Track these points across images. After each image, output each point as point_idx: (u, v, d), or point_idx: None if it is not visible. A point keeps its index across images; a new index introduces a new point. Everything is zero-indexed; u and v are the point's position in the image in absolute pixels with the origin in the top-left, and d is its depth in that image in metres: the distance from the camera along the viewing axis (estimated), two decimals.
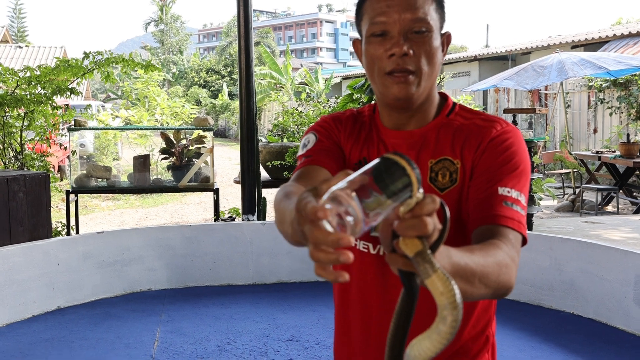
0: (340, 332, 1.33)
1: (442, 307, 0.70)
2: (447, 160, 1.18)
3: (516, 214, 1.07)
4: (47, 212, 4.93)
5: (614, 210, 8.50)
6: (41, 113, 5.83)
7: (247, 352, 3.72)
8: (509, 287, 0.98)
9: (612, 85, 11.37)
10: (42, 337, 3.98)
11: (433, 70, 1.15)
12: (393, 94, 1.14)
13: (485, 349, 1.25)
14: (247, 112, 5.72)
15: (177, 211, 9.95)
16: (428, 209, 0.70)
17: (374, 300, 1.23)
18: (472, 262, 0.87)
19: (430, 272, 0.70)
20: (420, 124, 1.21)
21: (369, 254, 1.23)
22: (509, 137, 1.16)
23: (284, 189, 1.03)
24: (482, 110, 1.33)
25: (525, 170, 1.14)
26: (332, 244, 0.65)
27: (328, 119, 1.31)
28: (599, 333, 4.00)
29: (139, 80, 15.20)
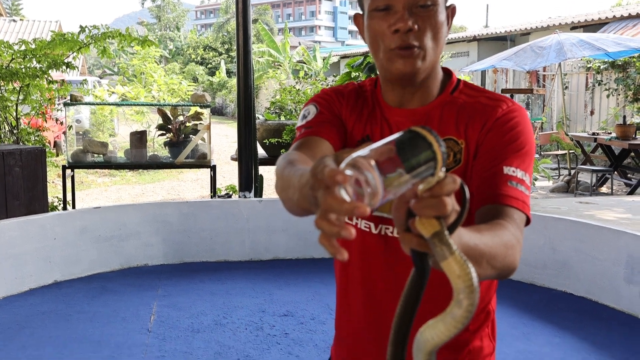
0: (341, 310, 1.31)
1: (459, 290, 0.68)
2: (451, 140, 1.15)
3: (521, 194, 1.05)
4: (43, 187, 4.93)
5: (609, 191, 8.54)
6: (37, 87, 5.81)
7: (242, 326, 3.77)
8: (514, 268, 0.97)
9: (610, 67, 11.36)
10: (39, 310, 4.01)
11: (438, 45, 1.12)
12: (398, 69, 1.11)
13: (485, 324, 1.25)
14: (245, 89, 5.71)
15: (174, 188, 9.96)
16: (448, 189, 0.67)
17: (375, 280, 1.22)
18: (482, 242, 0.86)
19: (447, 254, 0.67)
20: (424, 101, 1.18)
21: (371, 233, 1.21)
22: (515, 117, 1.13)
23: (287, 157, 1.01)
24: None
25: (530, 151, 1.12)
26: (345, 212, 0.61)
27: (329, 92, 1.27)
28: (590, 311, 4.05)
29: (136, 56, 15.12)
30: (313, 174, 0.65)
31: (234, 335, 3.62)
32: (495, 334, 1.29)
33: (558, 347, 3.52)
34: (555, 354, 3.43)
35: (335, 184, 0.62)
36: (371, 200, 0.64)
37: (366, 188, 0.63)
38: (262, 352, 3.40)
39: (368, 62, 6.12)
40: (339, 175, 0.61)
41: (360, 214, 0.61)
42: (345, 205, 0.61)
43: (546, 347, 3.51)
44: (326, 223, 0.63)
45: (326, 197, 0.62)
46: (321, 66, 19.86)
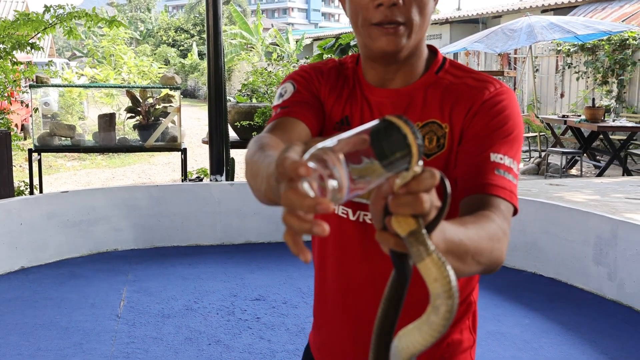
0: (318, 297, 1.27)
1: (435, 295, 0.63)
2: (434, 124, 1.08)
3: (508, 183, 0.99)
4: (9, 171, 4.82)
5: (578, 174, 8.67)
6: (0, 69, 5.64)
7: (214, 311, 3.74)
8: (500, 263, 0.91)
9: (579, 50, 11.48)
10: (5, 297, 3.93)
11: (424, 21, 1.05)
12: (380, 47, 1.04)
13: (466, 316, 1.20)
14: (215, 71, 5.62)
15: (145, 171, 9.83)
16: (425, 185, 0.62)
17: (352, 269, 1.17)
18: (466, 237, 0.80)
19: (424, 255, 0.62)
20: (407, 80, 1.11)
21: (348, 220, 1.14)
22: (503, 99, 1.06)
23: (258, 141, 0.93)
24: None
25: (518, 136, 1.05)
26: (307, 208, 0.57)
27: (308, 69, 1.19)
28: (559, 292, 4.11)
29: (105, 38, 14.81)
30: (277, 165, 0.60)
31: (205, 320, 3.60)
32: (476, 326, 1.24)
33: (528, 328, 3.56)
34: (525, 335, 3.47)
35: (297, 178, 0.57)
36: (336, 196, 0.59)
37: (331, 182, 0.59)
38: (234, 337, 3.38)
39: (340, 44, 6.08)
40: (301, 168, 0.57)
41: (322, 210, 0.57)
42: (306, 200, 0.57)
43: (516, 329, 3.56)
44: (295, 219, 0.58)
45: (287, 191, 0.57)
46: (294, 48, 19.71)
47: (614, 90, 10.94)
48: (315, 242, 1.23)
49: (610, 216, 4.11)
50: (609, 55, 10.73)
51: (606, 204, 5.45)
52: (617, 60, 10.66)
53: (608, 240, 3.96)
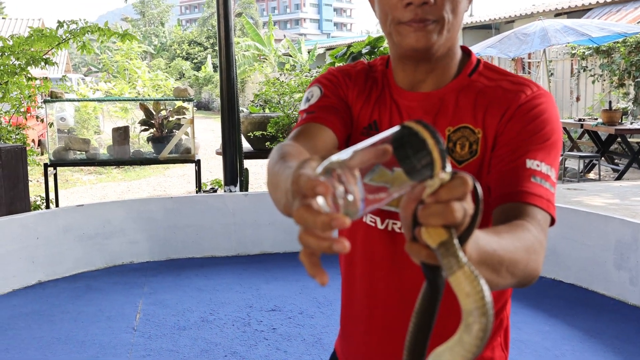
0: (346, 306, 1.23)
1: (468, 312, 0.58)
2: (467, 129, 1.03)
3: (545, 192, 0.94)
4: (25, 186, 4.84)
5: (596, 177, 8.56)
6: (16, 84, 5.69)
7: (229, 322, 3.71)
8: (536, 276, 0.86)
9: (594, 52, 11.37)
10: (23, 311, 3.94)
11: (457, 20, 0.99)
12: (409, 44, 0.99)
13: (498, 333, 1.15)
14: (228, 82, 5.63)
15: (160, 184, 9.87)
16: (457, 193, 0.58)
17: (380, 279, 1.12)
18: (501, 248, 0.75)
19: (455, 267, 0.58)
20: (439, 83, 1.06)
21: (376, 228, 1.10)
22: (541, 103, 1.00)
23: (280, 149, 0.89)
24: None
25: (557, 142, 0.99)
26: (322, 225, 0.53)
27: (336, 72, 1.15)
28: (580, 298, 4.04)
29: (119, 52, 14.96)
30: (292, 182, 0.57)
31: (221, 332, 3.57)
32: (508, 343, 1.18)
33: (548, 336, 3.50)
34: (546, 343, 3.41)
35: (313, 195, 0.54)
36: (350, 209, 0.56)
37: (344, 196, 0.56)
38: (250, 348, 3.35)
39: (352, 53, 6.07)
40: (319, 187, 0.54)
41: (338, 226, 0.53)
42: (320, 217, 0.53)
43: (536, 336, 3.49)
44: (312, 238, 0.54)
45: (299, 208, 0.54)
46: (307, 58, 19.77)
47: (630, 93, 10.81)
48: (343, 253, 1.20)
49: (631, 220, 4.03)
50: (624, 57, 10.61)
51: (626, 208, 5.36)
52: (633, 62, 10.54)
53: (629, 244, 3.88)
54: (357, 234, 1.14)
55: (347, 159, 0.57)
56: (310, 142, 0.99)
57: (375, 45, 6.09)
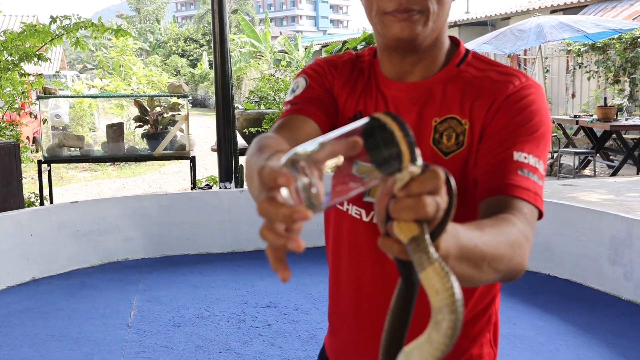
0: (333, 302, 1.22)
1: (437, 309, 0.57)
2: (453, 120, 1.01)
3: (533, 185, 0.92)
4: (18, 183, 4.82)
5: (591, 174, 8.57)
6: (8, 80, 5.66)
7: (224, 319, 3.71)
8: (521, 270, 0.84)
9: (590, 49, 11.38)
10: (16, 308, 3.92)
11: (443, 10, 0.98)
12: (394, 34, 0.97)
13: (487, 329, 1.13)
14: (222, 78, 5.61)
15: (155, 181, 9.85)
16: (428, 186, 0.56)
17: (365, 272, 1.11)
18: (483, 243, 0.73)
19: (425, 263, 0.57)
20: (426, 73, 1.04)
21: (361, 221, 1.08)
22: (530, 94, 0.98)
23: (259, 142, 0.87)
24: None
25: (545, 134, 0.97)
26: (284, 218, 0.53)
27: (322, 62, 1.14)
28: (574, 293, 4.04)
29: (114, 49, 14.91)
30: (258, 174, 0.56)
31: (216, 328, 3.56)
32: (497, 340, 1.16)
33: (543, 331, 3.50)
34: (541, 338, 3.41)
35: (276, 187, 0.54)
36: (313, 202, 0.55)
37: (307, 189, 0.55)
38: (245, 345, 3.35)
39: (347, 49, 6.05)
40: (280, 178, 0.53)
41: (300, 219, 0.53)
42: (282, 210, 0.53)
43: (531, 331, 3.49)
44: (270, 233, 0.54)
45: (262, 201, 0.54)
46: (303, 55, 19.73)
47: (626, 89, 10.82)
48: (329, 243, 1.19)
49: (625, 215, 4.03)
50: (620, 53, 10.62)
51: (621, 204, 5.36)
52: (628, 58, 10.55)
53: (623, 239, 3.89)
54: (342, 227, 1.13)
55: (315, 150, 0.56)
56: (292, 134, 0.98)
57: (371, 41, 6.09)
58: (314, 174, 0.55)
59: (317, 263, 4.74)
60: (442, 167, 0.58)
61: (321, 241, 4.76)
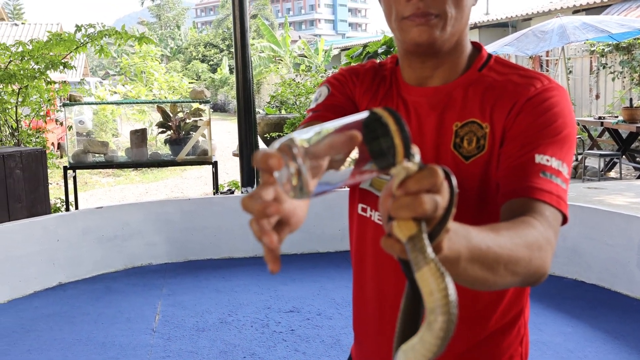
0: (357, 309, 1.21)
1: (430, 310, 0.56)
2: (474, 124, 1.00)
3: (556, 188, 0.89)
4: (45, 188, 4.89)
5: (617, 176, 8.44)
6: (35, 88, 5.76)
7: (248, 323, 3.71)
8: (543, 274, 0.82)
9: (614, 49, 11.22)
10: (44, 312, 3.97)
11: (462, 14, 0.98)
12: (412, 39, 0.97)
13: (517, 341, 1.10)
14: (244, 83, 5.64)
15: (177, 186, 9.92)
16: (425, 184, 0.56)
17: (389, 280, 1.10)
18: (497, 245, 0.72)
19: (421, 263, 0.56)
20: (447, 78, 1.04)
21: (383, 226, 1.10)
22: (552, 96, 0.96)
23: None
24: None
25: (569, 136, 0.95)
26: (258, 213, 0.55)
27: (344, 71, 1.15)
28: (602, 298, 3.98)
29: (136, 55, 15.07)
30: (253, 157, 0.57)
31: (240, 333, 3.57)
32: (527, 353, 1.12)
33: (571, 337, 3.45)
34: (568, 344, 3.36)
35: (268, 169, 0.55)
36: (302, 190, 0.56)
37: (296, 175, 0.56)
38: (268, 350, 3.35)
39: (367, 52, 6.04)
40: (271, 160, 0.54)
41: (272, 213, 0.55)
42: (256, 205, 0.55)
43: (558, 337, 3.44)
44: (254, 225, 0.57)
45: (244, 197, 0.56)
46: (322, 59, 19.77)
47: None
48: (353, 251, 1.18)
49: None
50: None
51: None
52: None
53: None
54: (365, 233, 1.13)
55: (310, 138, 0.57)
56: None
57: (392, 45, 6.07)
58: (306, 161, 0.56)
59: (339, 267, 4.74)
60: (443, 165, 0.58)
61: (343, 246, 4.76)
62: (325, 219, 4.96)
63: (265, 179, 0.56)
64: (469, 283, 0.73)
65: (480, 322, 1.07)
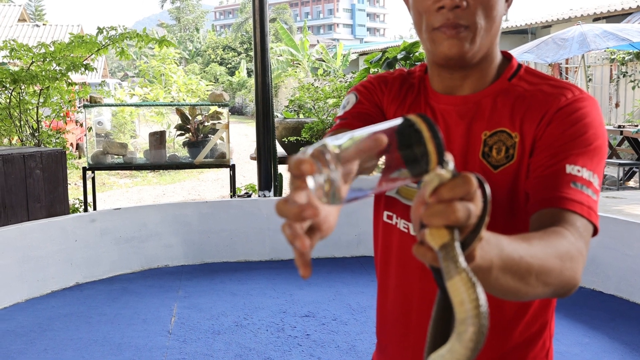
0: (381, 316, 1.20)
1: (460, 320, 0.55)
2: (503, 133, 1.00)
3: (587, 199, 0.88)
4: (64, 189, 4.94)
5: (636, 186, 8.35)
6: (56, 90, 5.83)
7: (263, 327, 3.72)
8: (574, 285, 0.80)
9: (635, 58, 11.11)
10: (61, 312, 4.01)
11: (492, 25, 0.97)
12: (442, 52, 0.97)
13: (542, 354, 1.09)
14: (263, 87, 5.66)
15: (194, 188, 9.97)
16: (459, 191, 0.55)
17: (414, 287, 1.09)
18: (529, 254, 0.72)
19: (452, 272, 0.55)
20: (476, 88, 1.03)
21: (409, 234, 1.07)
22: (583, 107, 0.95)
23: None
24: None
25: (600, 148, 0.94)
26: (294, 217, 0.55)
27: (373, 79, 1.16)
28: (620, 309, 3.93)
29: (155, 57, 15.19)
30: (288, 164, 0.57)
31: (255, 337, 3.58)
32: None
33: (588, 348, 3.41)
34: (586, 355, 3.32)
35: (299, 175, 0.55)
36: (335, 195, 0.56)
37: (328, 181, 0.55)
38: (284, 354, 3.35)
39: (387, 58, 6.04)
40: (304, 165, 0.54)
41: (309, 216, 0.55)
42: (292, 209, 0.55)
43: (575, 348, 3.41)
44: (287, 229, 0.56)
45: (278, 201, 0.56)
46: (340, 64, 19.78)
47: None
48: (378, 258, 1.19)
49: None
50: None
51: None
52: None
53: None
54: (391, 241, 1.13)
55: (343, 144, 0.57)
56: None
57: (411, 50, 6.06)
58: (339, 167, 0.56)
59: (355, 273, 4.74)
60: (476, 173, 0.58)
61: (359, 251, 4.75)
62: (342, 225, 4.95)
63: (297, 184, 0.56)
64: (501, 293, 0.72)
65: (504, 333, 1.06)
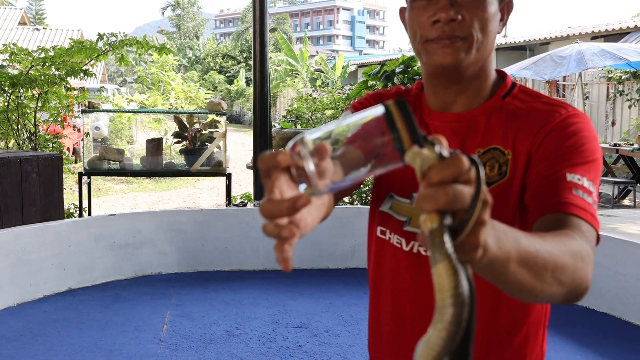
0: (373, 331, 1.20)
1: (438, 308, 0.53)
2: (496, 150, 1.01)
3: (589, 206, 0.87)
4: (60, 194, 4.93)
5: (631, 204, 8.38)
6: (55, 94, 5.83)
7: (255, 337, 3.71)
8: (586, 287, 0.79)
9: (632, 77, 11.19)
10: (52, 317, 3.99)
11: (487, 40, 0.98)
12: (437, 61, 0.98)
13: None
14: (261, 96, 5.68)
15: (190, 195, 9.96)
16: (447, 173, 0.52)
17: (406, 301, 1.10)
18: (544, 250, 0.70)
19: (437, 258, 0.53)
20: (470, 104, 1.04)
21: (402, 250, 1.08)
22: (578, 122, 0.96)
23: None
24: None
25: (597, 161, 0.94)
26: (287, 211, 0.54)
27: (369, 96, 1.18)
28: (612, 328, 3.93)
29: (154, 64, 15.22)
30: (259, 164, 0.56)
31: (247, 347, 3.57)
32: None
33: None
34: None
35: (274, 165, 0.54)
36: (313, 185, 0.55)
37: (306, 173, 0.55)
38: None
39: (385, 71, 6.07)
40: (280, 155, 0.54)
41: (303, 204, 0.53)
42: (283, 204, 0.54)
43: None
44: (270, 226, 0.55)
45: (263, 202, 0.54)
46: (339, 75, 19.84)
47: None
48: (371, 271, 1.19)
49: None
50: None
51: None
52: None
53: None
54: (384, 256, 1.13)
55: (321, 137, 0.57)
56: None
57: (409, 64, 6.09)
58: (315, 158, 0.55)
59: (349, 285, 4.73)
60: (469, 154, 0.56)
61: (353, 263, 4.75)
62: (336, 236, 4.97)
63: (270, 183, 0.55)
64: (516, 289, 0.71)
65: (498, 349, 1.07)
